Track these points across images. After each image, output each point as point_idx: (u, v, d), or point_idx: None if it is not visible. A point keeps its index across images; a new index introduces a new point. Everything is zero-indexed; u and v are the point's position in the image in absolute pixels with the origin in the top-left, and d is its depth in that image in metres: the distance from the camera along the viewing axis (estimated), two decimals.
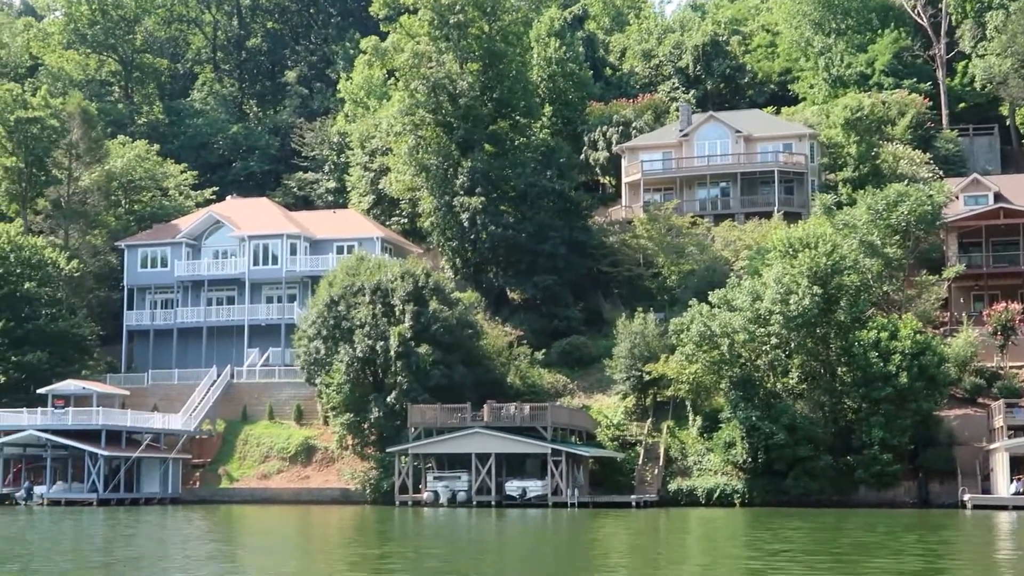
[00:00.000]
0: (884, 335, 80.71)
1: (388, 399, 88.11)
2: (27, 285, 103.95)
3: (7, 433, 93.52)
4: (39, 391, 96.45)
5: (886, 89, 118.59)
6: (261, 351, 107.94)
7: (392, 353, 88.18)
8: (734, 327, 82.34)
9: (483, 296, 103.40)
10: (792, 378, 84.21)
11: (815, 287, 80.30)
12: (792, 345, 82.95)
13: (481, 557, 42.42)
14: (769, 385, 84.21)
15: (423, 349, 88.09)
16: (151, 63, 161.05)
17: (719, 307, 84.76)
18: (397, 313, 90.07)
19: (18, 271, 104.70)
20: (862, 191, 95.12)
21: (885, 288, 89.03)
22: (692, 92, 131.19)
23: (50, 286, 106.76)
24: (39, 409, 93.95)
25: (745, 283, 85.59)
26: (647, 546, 47.72)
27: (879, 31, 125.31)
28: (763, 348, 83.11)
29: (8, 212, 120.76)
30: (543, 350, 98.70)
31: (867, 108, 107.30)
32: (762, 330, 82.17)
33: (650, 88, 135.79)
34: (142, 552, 43.64)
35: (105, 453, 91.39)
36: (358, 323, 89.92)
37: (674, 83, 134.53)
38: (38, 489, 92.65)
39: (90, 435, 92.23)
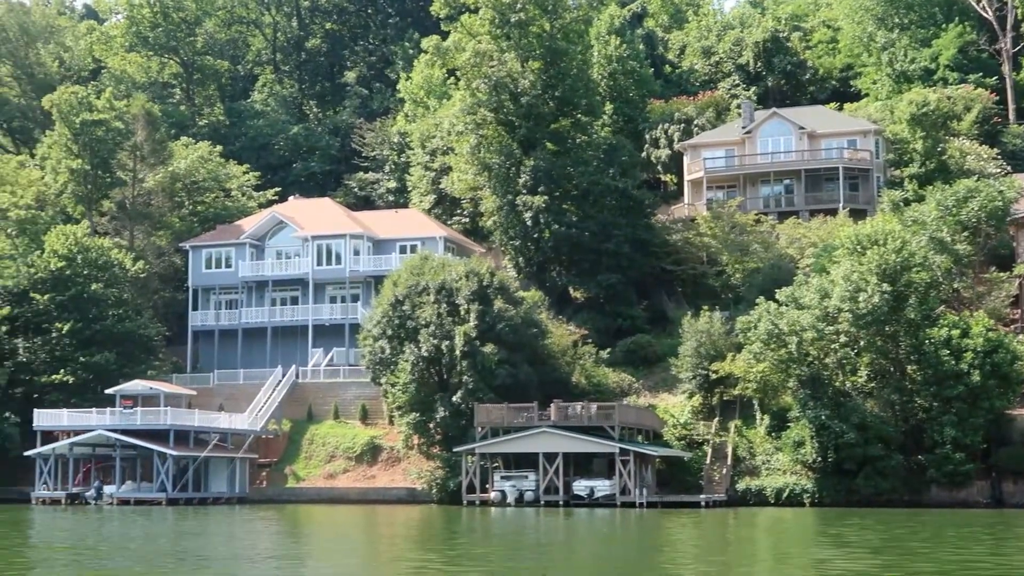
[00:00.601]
0: (955, 333, 79.83)
1: (454, 398, 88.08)
2: (94, 286, 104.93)
3: (77, 433, 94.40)
4: (107, 391, 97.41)
5: (951, 84, 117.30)
6: (325, 351, 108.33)
7: (457, 352, 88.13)
8: (802, 325, 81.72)
9: (546, 295, 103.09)
10: (861, 376, 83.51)
11: (884, 284, 79.54)
12: (861, 343, 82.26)
13: (569, 558, 42.29)
14: (838, 384, 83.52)
15: (488, 348, 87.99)
16: (212, 65, 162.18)
17: (786, 305, 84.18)
18: (462, 312, 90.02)
19: (85, 272, 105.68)
20: (929, 187, 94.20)
21: (955, 285, 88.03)
22: (752, 89, 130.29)
23: (116, 287, 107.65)
24: (108, 409, 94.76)
25: (813, 281, 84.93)
26: (738, 545, 47.39)
27: (943, 25, 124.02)
28: (831, 346, 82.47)
29: (74, 214, 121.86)
30: (607, 349, 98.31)
31: (933, 103, 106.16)
32: (830, 328, 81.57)
33: (710, 85, 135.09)
34: (226, 550, 43.85)
35: (174, 453, 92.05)
36: (423, 322, 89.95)
37: (734, 80, 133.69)
38: (108, 488, 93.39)
39: (158, 435, 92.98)
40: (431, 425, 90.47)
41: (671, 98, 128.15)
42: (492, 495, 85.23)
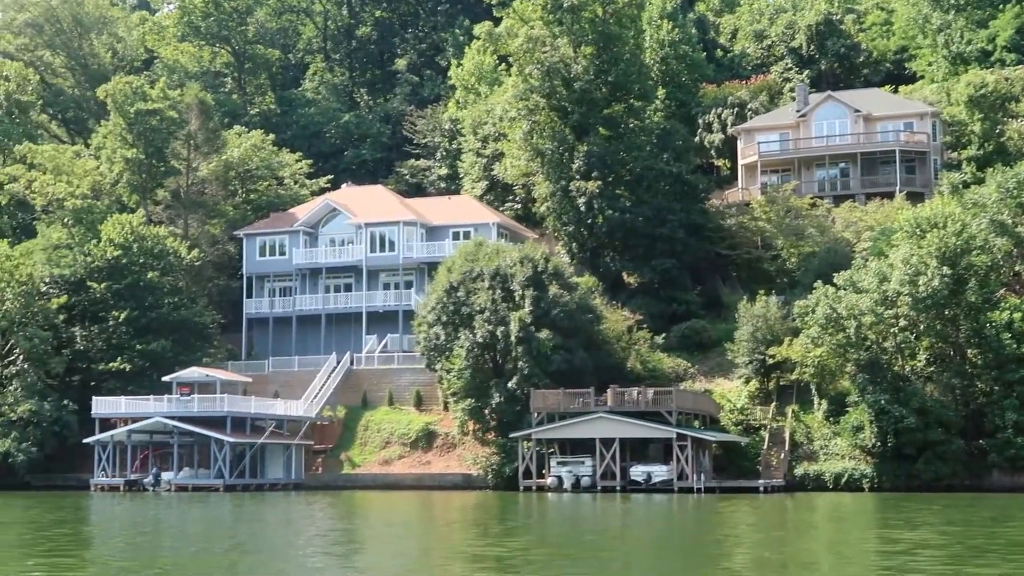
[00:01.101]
0: (1017, 316, 79.17)
1: (509, 384, 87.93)
2: (150, 275, 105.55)
3: (135, 420, 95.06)
4: (164, 379, 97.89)
5: (1008, 65, 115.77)
6: (379, 337, 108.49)
7: (512, 338, 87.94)
8: (861, 309, 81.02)
9: (600, 280, 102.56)
10: (920, 361, 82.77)
11: (944, 267, 78.75)
12: (921, 327, 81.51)
13: (631, 543, 42.08)
14: (897, 368, 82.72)
15: (543, 334, 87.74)
16: (263, 54, 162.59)
17: (844, 289, 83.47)
18: (517, 298, 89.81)
19: (141, 261, 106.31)
20: (989, 169, 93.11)
21: (1016, 268, 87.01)
22: (805, 72, 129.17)
23: (172, 275, 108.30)
24: (165, 396, 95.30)
25: (871, 264, 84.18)
26: (806, 530, 47.03)
27: (1000, 6, 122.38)
28: (890, 330, 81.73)
29: (129, 203, 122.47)
30: (662, 334, 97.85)
31: (990, 85, 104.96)
32: (889, 312, 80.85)
33: (762, 69, 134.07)
34: (286, 536, 43.99)
35: (230, 439, 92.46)
36: (478, 308, 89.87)
37: (787, 63, 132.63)
38: (165, 475, 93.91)
39: (215, 422, 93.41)
40: (486, 411, 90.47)
41: (724, 82, 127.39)
42: (549, 481, 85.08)
